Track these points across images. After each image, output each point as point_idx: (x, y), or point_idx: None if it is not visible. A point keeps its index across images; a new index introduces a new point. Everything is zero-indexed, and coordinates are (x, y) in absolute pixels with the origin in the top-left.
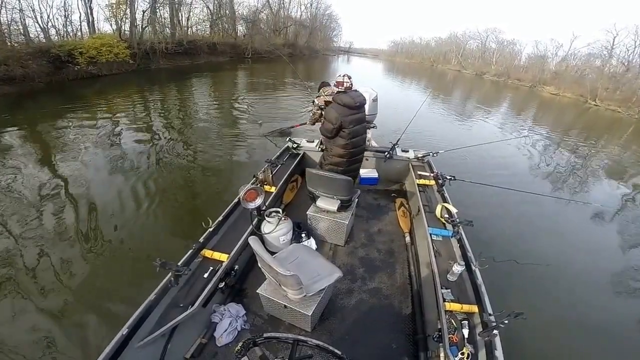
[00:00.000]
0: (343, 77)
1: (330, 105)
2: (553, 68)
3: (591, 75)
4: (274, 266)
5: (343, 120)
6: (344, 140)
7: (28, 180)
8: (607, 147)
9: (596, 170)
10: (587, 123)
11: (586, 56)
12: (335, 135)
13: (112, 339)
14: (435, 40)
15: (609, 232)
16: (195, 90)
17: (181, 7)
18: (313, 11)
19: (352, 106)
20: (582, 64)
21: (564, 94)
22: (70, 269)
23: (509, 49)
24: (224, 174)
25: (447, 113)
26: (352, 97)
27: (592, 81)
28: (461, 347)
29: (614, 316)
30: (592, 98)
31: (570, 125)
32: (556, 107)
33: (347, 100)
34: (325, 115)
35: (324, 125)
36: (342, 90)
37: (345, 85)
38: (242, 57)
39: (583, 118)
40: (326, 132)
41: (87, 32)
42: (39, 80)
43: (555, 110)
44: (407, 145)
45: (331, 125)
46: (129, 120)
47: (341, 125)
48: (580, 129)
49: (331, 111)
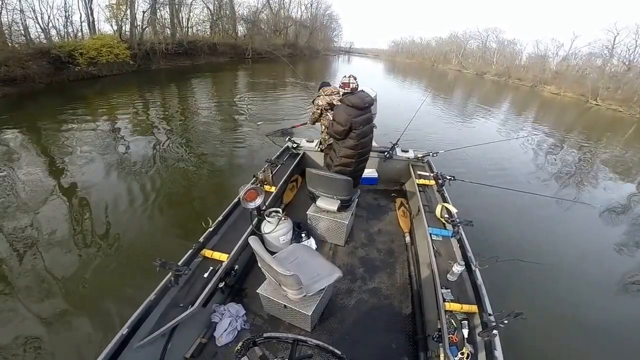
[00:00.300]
0: (349, 78)
1: (338, 107)
2: (554, 68)
3: (592, 74)
4: (274, 266)
5: (353, 121)
6: (353, 141)
7: (27, 179)
8: (609, 147)
9: (596, 170)
10: (589, 123)
11: (587, 55)
12: (345, 137)
13: (112, 339)
14: (435, 40)
15: (609, 232)
16: (195, 90)
17: (181, 8)
18: (313, 11)
19: (361, 107)
20: (583, 63)
21: (565, 94)
22: (70, 269)
23: (510, 48)
24: (224, 174)
25: (448, 113)
26: (361, 97)
27: (593, 81)
28: (461, 347)
29: (613, 316)
30: (593, 97)
31: (572, 124)
32: (557, 106)
33: (355, 101)
34: (334, 117)
35: (332, 127)
36: (349, 91)
37: (351, 86)
38: (242, 57)
39: (584, 118)
40: (335, 134)
41: (87, 32)
42: (39, 81)
43: (557, 110)
44: (407, 145)
45: (341, 127)
46: (128, 121)
47: (351, 126)
48: (582, 129)
49: (340, 113)
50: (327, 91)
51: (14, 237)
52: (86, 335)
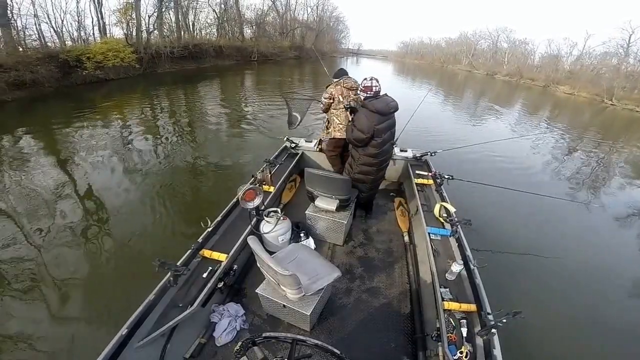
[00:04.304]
0: (371, 81)
1: (360, 112)
2: (567, 67)
3: (607, 74)
4: (273, 266)
5: (376, 129)
6: (375, 149)
7: (28, 179)
8: (626, 147)
9: (609, 172)
10: (604, 122)
11: (602, 55)
12: (366, 144)
13: (112, 339)
14: (445, 41)
15: (609, 233)
16: (200, 93)
17: (188, 12)
18: (319, 13)
19: (385, 113)
20: (598, 62)
21: (579, 94)
22: (69, 269)
23: (521, 48)
24: (229, 176)
25: (455, 112)
26: (387, 102)
27: (608, 80)
28: (460, 346)
29: (613, 316)
30: (608, 97)
31: (587, 124)
32: (571, 106)
33: (380, 107)
34: (355, 122)
35: (353, 133)
36: (371, 95)
37: (374, 90)
38: (248, 60)
39: (599, 117)
40: (356, 141)
41: (99, 36)
42: (48, 85)
43: (571, 110)
44: (407, 145)
45: (362, 134)
46: (135, 124)
47: (373, 134)
48: (597, 129)
49: (362, 119)
50: (347, 84)
51: (20, 236)
52: (84, 335)
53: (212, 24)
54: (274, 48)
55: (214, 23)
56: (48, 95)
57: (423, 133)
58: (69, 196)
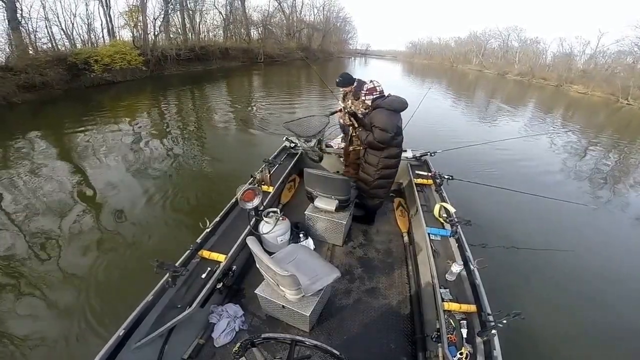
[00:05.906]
0: (373, 83)
1: (378, 112)
2: (581, 66)
3: (622, 73)
4: (272, 266)
5: (398, 126)
6: (397, 148)
7: (46, 181)
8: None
9: (602, 172)
10: (620, 123)
11: (616, 53)
12: (388, 144)
13: (109, 340)
14: (454, 40)
15: (609, 233)
16: (206, 95)
17: (194, 14)
18: (326, 14)
19: (400, 110)
20: (612, 61)
21: (593, 93)
22: (69, 269)
23: (533, 47)
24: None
25: (465, 112)
26: (400, 101)
27: (623, 79)
28: (460, 347)
29: (612, 317)
30: (624, 97)
31: (602, 124)
32: (585, 106)
33: (397, 105)
34: (376, 123)
35: (375, 135)
36: (378, 95)
37: (378, 90)
38: (254, 61)
39: (614, 117)
40: (380, 143)
41: (108, 39)
42: (57, 88)
43: (585, 109)
44: (407, 145)
45: (387, 134)
46: (141, 126)
47: (396, 132)
48: (614, 129)
49: (384, 118)
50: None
51: (29, 236)
52: (83, 335)
53: (219, 26)
54: (280, 49)
55: (220, 25)
56: (57, 97)
57: (427, 133)
58: (71, 196)
